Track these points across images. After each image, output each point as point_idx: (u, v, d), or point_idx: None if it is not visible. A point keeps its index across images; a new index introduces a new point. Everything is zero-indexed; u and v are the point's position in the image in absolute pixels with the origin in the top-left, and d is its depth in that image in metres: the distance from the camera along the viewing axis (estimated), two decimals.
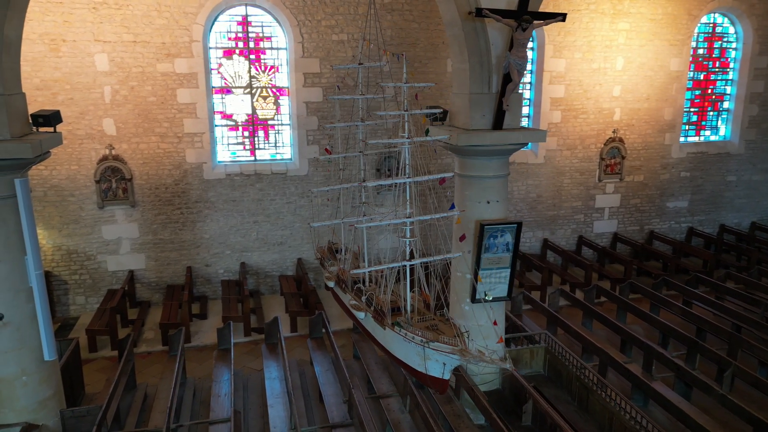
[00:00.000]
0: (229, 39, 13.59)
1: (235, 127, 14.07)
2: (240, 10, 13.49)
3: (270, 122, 14.19)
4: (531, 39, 15.30)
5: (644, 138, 16.57)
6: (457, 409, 9.05)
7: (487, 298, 6.54)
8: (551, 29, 15.03)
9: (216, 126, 13.89)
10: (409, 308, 7.10)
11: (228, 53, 13.67)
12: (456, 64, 8.85)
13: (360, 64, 8.44)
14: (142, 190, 13.48)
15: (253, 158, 14.23)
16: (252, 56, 13.78)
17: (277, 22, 13.68)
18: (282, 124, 14.25)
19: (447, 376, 6.63)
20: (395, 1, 13.93)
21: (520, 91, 8.80)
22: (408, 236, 7.02)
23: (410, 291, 7.15)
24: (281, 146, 14.34)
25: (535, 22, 7.95)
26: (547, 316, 11.93)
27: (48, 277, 13.24)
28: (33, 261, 7.50)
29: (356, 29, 13.86)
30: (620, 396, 8.34)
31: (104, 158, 13.09)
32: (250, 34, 13.66)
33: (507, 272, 9.15)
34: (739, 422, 8.78)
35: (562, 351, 9.76)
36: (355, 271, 7.66)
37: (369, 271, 7.67)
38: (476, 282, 6.98)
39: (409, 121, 6.92)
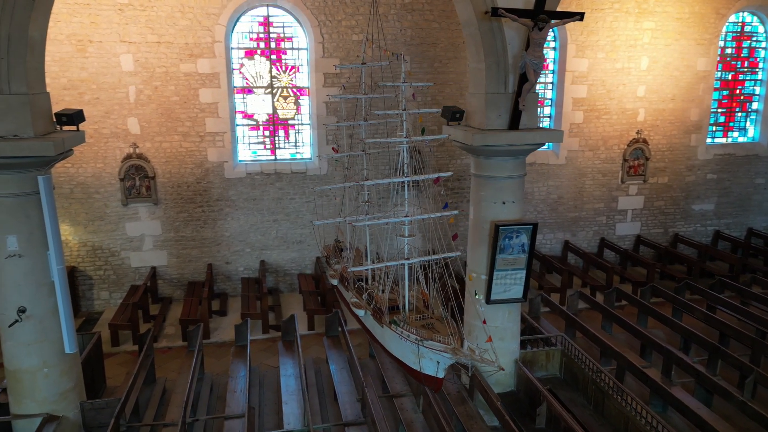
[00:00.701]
0: (251, 39, 13.76)
1: (256, 127, 14.24)
2: (262, 11, 13.65)
3: (290, 122, 14.33)
4: (553, 38, 15.27)
5: (669, 139, 16.27)
6: (470, 410, 9.01)
7: (477, 296, 6.51)
8: (574, 29, 14.87)
9: (237, 125, 14.08)
10: (407, 306, 7.14)
11: (249, 53, 13.84)
12: (472, 63, 8.82)
13: (363, 63, 8.49)
14: (165, 188, 13.73)
15: (273, 157, 14.38)
16: (273, 56, 13.93)
17: (298, 22, 13.81)
18: (302, 124, 14.37)
19: (441, 375, 6.66)
20: (415, 1, 13.93)
21: (537, 91, 8.72)
22: (406, 235, 7.10)
23: (411, 290, 7.20)
24: (301, 146, 14.46)
25: (552, 21, 7.88)
26: (566, 319, 11.80)
27: (73, 272, 13.58)
28: (55, 256, 7.68)
29: (376, 29, 13.87)
30: (636, 400, 8.22)
31: (128, 156, 13.36)
32: (272, 35, 13.81)
33: (522, 273, 9.08)
34: (760, 430, 8.54)
35: (578, 354, 9.65)
36: (351, 269, 7.73)
37: (365, 269, 7.73)
38: (467, 279, 6.95)
39: (406, 121, 6.94)
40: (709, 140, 16.74)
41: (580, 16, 8.07)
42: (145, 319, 13.14)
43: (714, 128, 16.89)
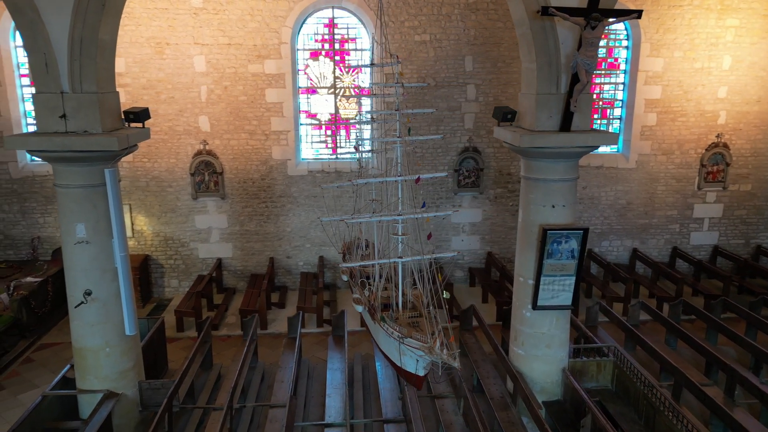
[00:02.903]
0: (316, 41, 14.12)
1: (318, 126, 14.61)
2: (327, 13, 13.98)
3: (351, 121, 14.59)
4: (626, 37, 14.66)
5: (754, 144, 15.18)
6: (512, 417, 8.86)
7: (444, 296, 6.42)
8: (648, 26, 14.21)
9: (301, 124, 14.49)
10: (401, 304, 7.22)
11: (314, 54, 14.22)
12: (524, 63, 8.66)
13: (372, 64, 8.61)
14: (232, 184, 14.35)
15: (334, 156, 14.69)
16: (337, 57, 14.23)
17: (362, 23, 14.03)
18: (363, 123, 14.59)
19: (421, 372, 6.67)
20: (480, 1, 13.78)
21: (590, 93, 8.44)
22: (399, 233, 7.17)
23: (414, 288, 7.35)
24: (361, 145, 14.65)
25: (607, 20, 7.59)
26: (624, 330, 11.30)
27: (147, 260, 14.50)
28: (118, 244, 8.24)
29: (439, 29, 13.89)
30: (686, 418, 7.77)
31: (199, 153, 14.08)
32: (336, 36, 14.11)
33: (571, 280, 8.80)
34: None
35: (631, 366, 9.24)
36: (343, 265, 7.95)
37: (356, 266, 7.94)
38: (440, 287, 7.00)
39: (400, 120, 6.95)
40: None
41: (637, 13, 7.74)
42: (209, 308, 13.80)
43: None
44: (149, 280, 14.65)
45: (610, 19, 7.73)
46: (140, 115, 8.60)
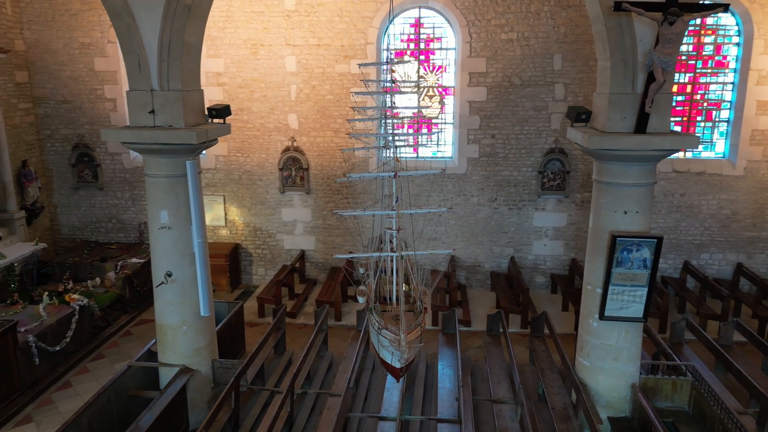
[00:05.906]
0: (402, 41, 14.29)
1: (400, 125, 14.74)
2: (413, 13, 14.10)
3: (434, 121, 14.61)
4: (736, 33, 13.51)
5: None
6: (572, 429, 8.52)
7: (410, 292, 6.23)
8: (763, 22, 12.99)
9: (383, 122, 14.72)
10: (395, 298, 7.20)
11: (399, 54, 14.39)
12: (600, 62, 8.26)
13: (387, 62, 8.63)
14: (316, 179, 14.90)
15: (415, 155, 14.77)
16: (422, 57, 14.31)
17: (448, 22, 14.00)
18: (445, 123, 14.56)
19: (396, 364, 6.62)
20: None
21: (670, 92, 7.90)
22: (394, 228, 7.25)
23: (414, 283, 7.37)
24: (443, 144, 14.66)
25: (687, 15, 7.07)
26: (711, 350, 10.43)
27: (237, 248, 15.42)
28: (196, 230, 8.85)
29: (527, 27, 13.54)
30: None
31: (287, 149, 14.76)
32: (422, 35, 14.19)
33: (643, 291, 8.29)
34: None
35: (709, 389, 8.54)
36: (336, 256, 8.08)
37: (350, 258, 8.48)
38: (401, 280, 6.97)
39: (391, 117, 6.86)
40: None
41: (723, 7, 7.13)
42: (290, 297, 14.45)
43: None
44: (239, 267, 15.57)
45: (693, 14, 7.20)
46: (221, 111, 9.20)
